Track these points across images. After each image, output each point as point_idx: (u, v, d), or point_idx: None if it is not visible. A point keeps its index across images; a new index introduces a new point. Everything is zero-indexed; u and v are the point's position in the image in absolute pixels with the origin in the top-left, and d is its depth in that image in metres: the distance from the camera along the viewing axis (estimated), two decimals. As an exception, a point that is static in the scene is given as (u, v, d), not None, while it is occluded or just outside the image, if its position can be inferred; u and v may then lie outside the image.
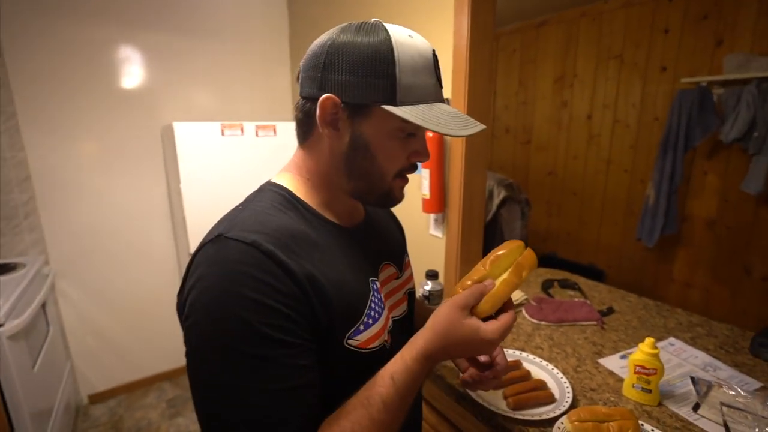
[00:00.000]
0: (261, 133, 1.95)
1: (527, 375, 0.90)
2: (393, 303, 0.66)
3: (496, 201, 2.19)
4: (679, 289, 2.41)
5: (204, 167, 1.83)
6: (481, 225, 1.43)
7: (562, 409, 0.79)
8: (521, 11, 2.85)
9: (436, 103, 0.52)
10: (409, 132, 0.54)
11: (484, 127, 0.52)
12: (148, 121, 2.07)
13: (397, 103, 0.49)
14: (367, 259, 0.61)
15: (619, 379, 0.91)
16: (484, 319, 0.52)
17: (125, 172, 2.05)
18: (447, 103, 0.55)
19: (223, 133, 1.85)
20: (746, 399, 0.79)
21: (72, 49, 1.84)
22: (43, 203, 1.88)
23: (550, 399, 0.83)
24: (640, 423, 0.74)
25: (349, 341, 0.52)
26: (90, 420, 2.02)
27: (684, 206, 2.31)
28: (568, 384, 0.86)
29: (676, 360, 0.97)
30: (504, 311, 0.54)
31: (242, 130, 1.90)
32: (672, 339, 1.07)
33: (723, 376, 0.91)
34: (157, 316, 2.22)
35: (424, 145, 0.57)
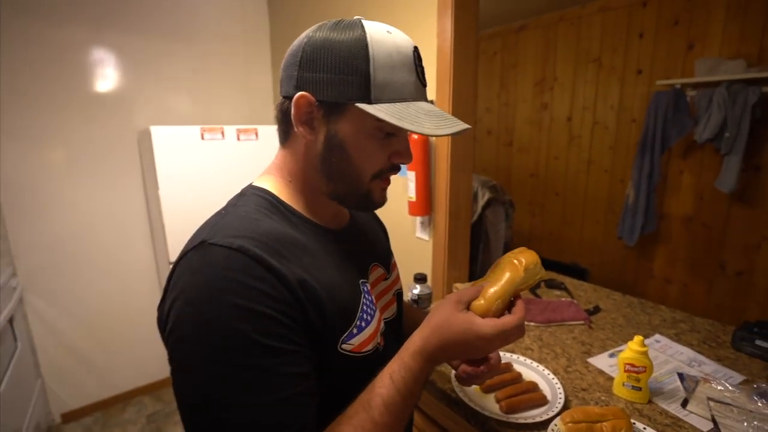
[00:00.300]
0: (242, 136, 1.90)
1: (519, 377, 0.89)
2: (383, 304, 0.65)
3: (481, 203, 2.19)
4: (659, 285, 2.48)
5: (183, 172, 1.77)
6: (467, 227, 1.43)
7: (555, 411, 0.78)
8: (501, 15, 2.89)
9: (415, 102, 0.50)
10: (388, 132, 0.51)
11: (467, 126, 0.50)
12: (124, 125, 1.99)
13: (372, 100, 0.47)
14: (356, 262, 0.59)
15: (609, 378, 0.91)
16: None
17: (100, 178, 1.97)
18: (433, 104, 0.53)
19: (203, 137, 1.80)
20: (732, 393, 0.81)
21: (41, 51, 1.76)
22: (10, 212, 1.78)
23: (543, 401, 0.82)
24: (632, 422, 0.74)
25: (343, 346, 0.50)
26: (63, 440, 1.93)
27: (662, 205, 2.37)
28: (559, 385, 0.86)
29: (663, 357, 0.98)
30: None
31: (223, 133, 1.85)
32: (657, 336, 1.08)
33: (708, 370, 0.93)
34: (136, 328, 2.13)
35: (406, 146, 0.55)
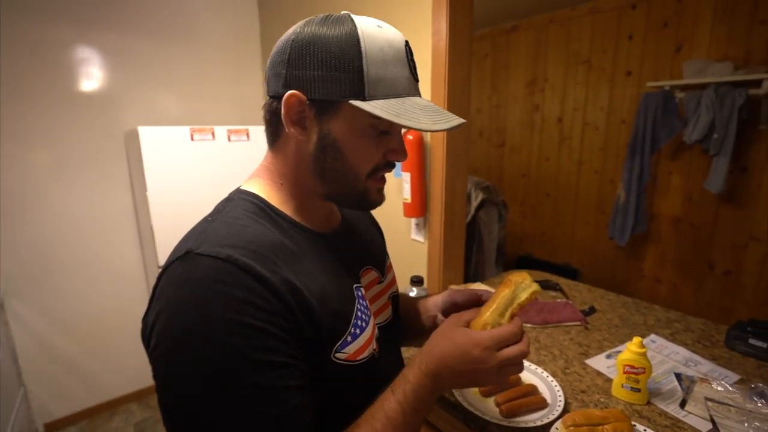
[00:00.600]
0: (233, 137, 1.87)
1: (518, 380, 0.88)
2: (377, 309, 0.63)
3: (474, 204, 2.19)
4: (649, 285, 2.50)
5: (172, 174, 1.73)
6: (463, 229, 1.42)
7: (555, 414, 0.77)
8: (492, 16, 2.90)
9: (409, 97, 0.49)
10: (383, 129, 0.50)
11: (463, 121, 0.49)
12: (111, 125, 1.94)
13: (366, 97, 0.46)
14: (349, 266, 0.58)
15: (608, 380, 0.91)
16: None
17: (85, 180, 1.92)
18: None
19: (192, 138, 1.76)
20: (729, 393, 0.81)
21: (26, 51, 1.70)
22: (-9, 215, 1.72)
23: (543, 404, 0.81)
24: (633, 423, 0.73)
25: (337, 355, 0.48)
26: (47, 450, 1.87)
27: (651, 205, 2.40)
28: (558, 387, 0.85)
29: (659, 357, 0.99)
30: None
31: (213, 134, 1.81)
32: (653, 336, 1.09)
33: (704, 370, 0.93)
34: (123, 332, 2.07)
35: (401, 143, 0.53)
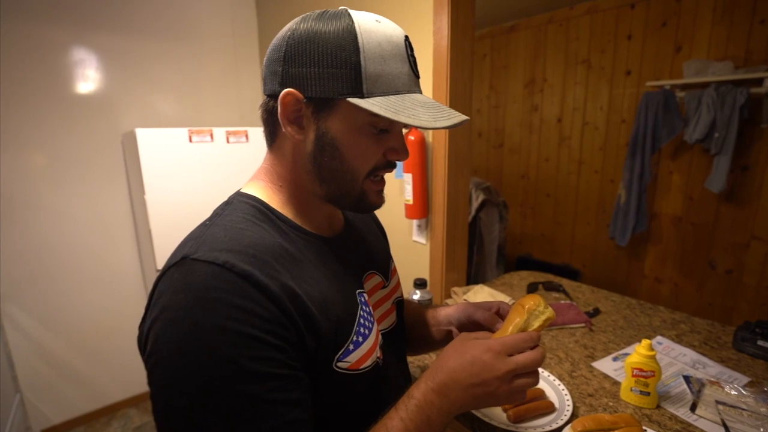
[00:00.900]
0: (232, 139, 1.85)
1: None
2: (380, 315, 0.62)
3: (475, 204, 2.18)
4: (650, 285, 2.50)
5: (170, 176, 1.71)
6: (465, 230, 1.41)
7: (564, 419, 0.76)
8: (490, 16, 2.89)
9: (410, 94, 0.47)
10: (382, 128, 0.48)
11: (466, 118, 0.47)
12: (107, 128, 1.92)
13: (364, 94, 0.44)
14: (351, 270, 0.56)
15: (615, 383, 0.89)
16: None
17: (82, 183, 1.89)
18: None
19: (190, 140, 1.74)
20: (741, 396, 0.79)
21: (23, 53, 1.68)
22: (-14, 219, 1.70)
23: (551, 408, 0.80)
24: (643, 428, 0.72)
25: (338, 364, 0.47)
26: (44, 457, 1.84)
27: (652, 205, 2.40)
28: (566, 391, 0.84)
29: (667, 359, 0.97)
30: None
31: (212, 136, 1.79)
32: (659, 338, 1.07)
33: (713, 372, 0.92)
34: (121, 337, 2.05)
35: (401, 142, 0.51)
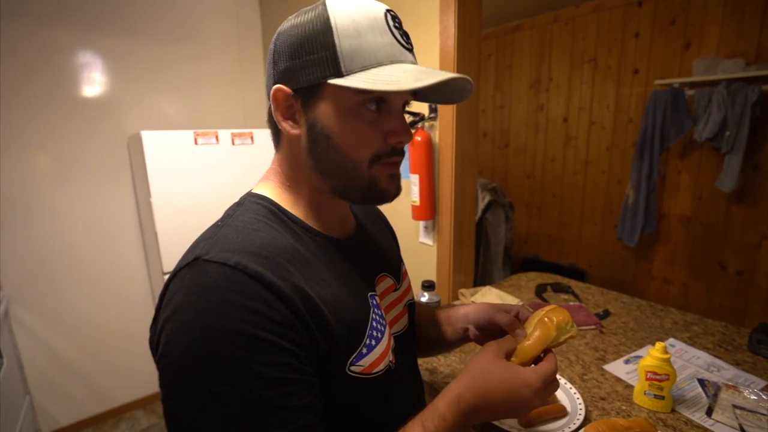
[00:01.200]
0: (237, 141, 1.85)
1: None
2: (392, 318, 0.61)
3: (481, 205, 2.17)
4: (658, 286, 2.47)
5: (176, 178, 1.71)
6: (472, 231, 1.40)
7: (577, 424, 0.74)
8: (495, 15, 2.88)
9: (394, 64, 0.44)
10: (374, 108, 0.46)
11: (458, 75, 0.44)
12: (113, 130, 1.93)
13: (343, 73, 0.43)
14: (363, 273, 0.55)
15: (627, 386, 0.88)
16: None
17: (89, 185, 1.90)
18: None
19: (196, 142, 1.74)
20: (760, 400, 0.78)
21: (28, 56, 1.69)
22: (-5, 222, 1.71)
23: (563, 412, 0.78)
24: (658, 433, 0.70)
25: (352, 368, 0.46)
26: (52, 459, 1.85)
27: (660, 205, 2.37)
28: (578, 395, 0.83)
29: (680, 362, 0.95)
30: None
31: (217, 138, 1.80)
32: (672, 340, 1.06)
33: (728, 376, 0.90)
34: (128, 339, 2.05)
35: (401, 123, 0.48)
